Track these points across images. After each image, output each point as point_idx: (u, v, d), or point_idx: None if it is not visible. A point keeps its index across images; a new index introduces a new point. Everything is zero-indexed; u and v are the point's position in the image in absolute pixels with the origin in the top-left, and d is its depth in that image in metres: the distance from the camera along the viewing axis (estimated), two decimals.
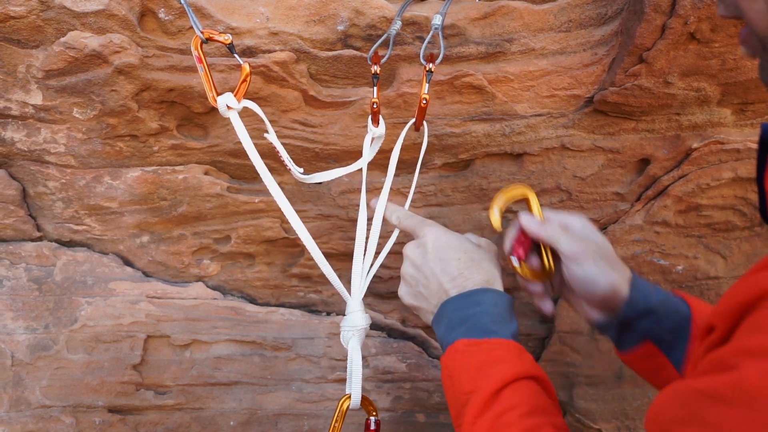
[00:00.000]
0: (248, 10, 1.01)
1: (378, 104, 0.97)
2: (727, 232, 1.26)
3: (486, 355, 0.77)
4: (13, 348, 1.26)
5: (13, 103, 1.09)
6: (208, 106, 1.10)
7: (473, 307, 0.81)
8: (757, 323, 0.48)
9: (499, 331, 0.79)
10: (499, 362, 0.76)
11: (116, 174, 1.20)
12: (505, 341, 0.79)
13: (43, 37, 1.01)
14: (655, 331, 0.86)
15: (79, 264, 1.27)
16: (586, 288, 0.85)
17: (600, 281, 0.84)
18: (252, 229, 1.27)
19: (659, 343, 0.86)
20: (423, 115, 1.00)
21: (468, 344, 0.79)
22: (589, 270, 0.84)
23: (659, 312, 0.85)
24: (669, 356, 0.86)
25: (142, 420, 1.31)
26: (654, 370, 0.89)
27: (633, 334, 0.87)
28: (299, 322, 1.33)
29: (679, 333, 0.85)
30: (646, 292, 0.86)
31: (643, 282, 0.87)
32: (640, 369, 0.92)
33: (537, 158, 1.18)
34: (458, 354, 0.79)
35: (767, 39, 0.58)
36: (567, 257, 0.85)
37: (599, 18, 1.03)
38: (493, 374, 0.74)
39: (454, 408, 0.78)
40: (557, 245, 0.86)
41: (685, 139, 1.15)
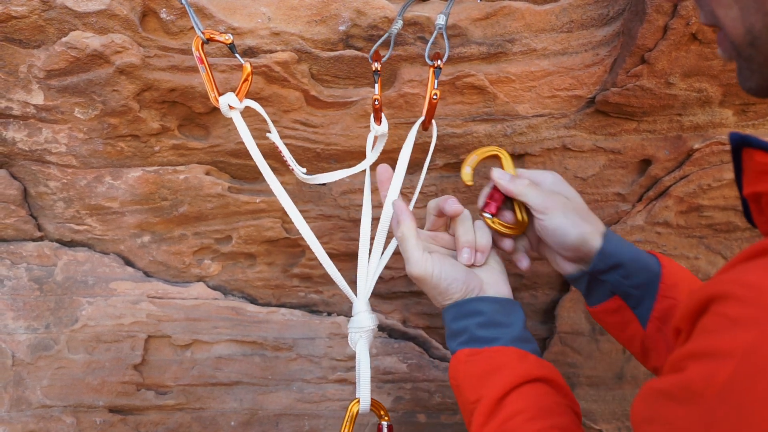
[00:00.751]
0: (250, 10, 1.01)
1: (380, 101, 0.97)
2: (728, 233, 1.26)
3: (487, 364, 0.79)
4: (13, 348, 1.26)
5: (15, 103, 1.09)
6: (210, 106, 1.10)
7: (469, 317, 0.83)
8: (704, 327, 0.51)
9: (498, 338, 0.81)
10: (501, 369, 0.77)
11: (117, 174, 1.20)
12: (505, 348, 0.80)
13: (44, 37, 1.01)
14: (623, 286, 0.88)
15: (80, 264, 1.27)
16: (557, 239, 0.87)
17: (570, 232, 0.86)
18: (253, 229, 1.27)
19: (627, 298, 0.89)
20: (433, 111, 0.98)
21: (469, 354, 0.81)
22: (558, 221, 0.86)
23: (628, 267, 0.87)
24: (636, 312, 0.89)
25: (143, 420, 1.31)
26: (620, 324, 0.91)
27: (602, 289, 0.90)
28: (300, 323, 1.33)
29: (646, 290, 0.87)
30: (618, 247, 0.88)
31: (617, 237, 0.89)
32: (606, 323, 0.94)
33: (538, 159, 1.18)
34: (461, 365, 0.81)
35: (741, 45, 0.60)
36: (536, 210, 0.87)
37: (601, 18, 1.03)
38: (496, 382, 0.76)
39: (465, 417, 0.81)
40: (526, 198, 0.88)
41: (687, 140, 1.15)
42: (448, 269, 0.86)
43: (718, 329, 0.48)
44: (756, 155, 0.61)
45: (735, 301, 0.48)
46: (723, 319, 0.48)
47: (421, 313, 1.39)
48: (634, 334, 0.90)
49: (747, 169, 0.64)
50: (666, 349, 0.87)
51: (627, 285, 0.88)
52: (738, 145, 0.64)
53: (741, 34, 0.58)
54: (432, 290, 0.87)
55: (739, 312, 0.47)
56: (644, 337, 0.89)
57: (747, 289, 0.47)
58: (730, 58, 0.63)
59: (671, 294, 0.87)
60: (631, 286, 0.88)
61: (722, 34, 0.62)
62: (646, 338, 0.89)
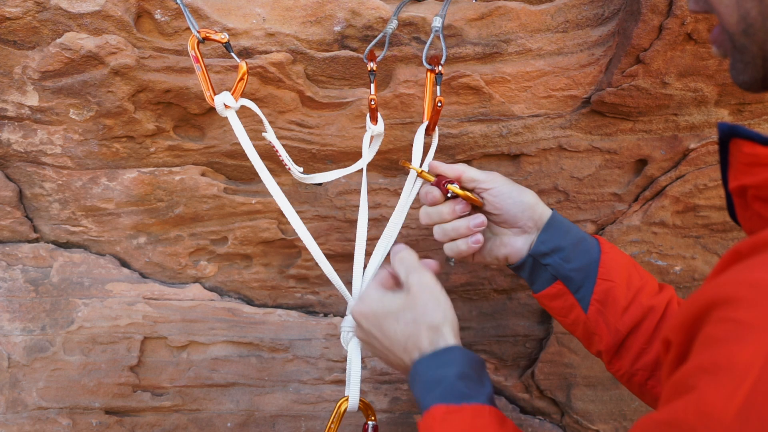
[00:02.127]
0: (245, 11, 1.01)
1: (376, 101, 0.97)
2: (724, 233, 1.26)
3: (467, 425, 0.74)
4: (9, 349, 1.25)
5: (9, 105, 1.09)
6: (205, 107, 1.10)
7: (445, 367, 0.78)
8: (709, 337, 0.45)
9: (475, 396, 0.76)
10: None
11: (113, 175, 1.19)
12: (486, 408, 0.75)
13: (39, 38, 1.01)
14: (563, 270, 0.90)
15: (76, 265, 1.27)
16: (511, 200, 0.91)
17: (520, 193, 0.92)
18: (249, 230, 1.26)
19: (568, 282, 0.90)
20: (437, 118, 0.99)
21: (447, 412, 0.75)
22: (506, 187, 0.92)
23: (569, 250, 0.90)
24: (577, 297, 0.90)
25: (139, 421, 1.30)
26: (563, 309, 0.93)
27: (544, 274, 0.92)
28: (296, 324, 1.33)
29: (587, 273, 0.89)
30: (562, 228, 0.91)
31: (562, 219, 0.92)
32: (551, 309, 0.95)
33: (534, 159, 1.18)
34: (436, 423, 0.74)
35: (736, 35, 0.58)
36: (482, 181, 0.92)
37: (596, 19, 1.03)
38: None
39: None
40: (470, 174, 0.92)
41: (683, 140, 1.15)
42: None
43: (728, 338, 0.43)
44: (744, 146, 0.59)
45: (743, 304, 0.43)
46: (732, 325, 0.43)
47: None
48: (577, 318, 0.91)
49: (734, 161, 0.62)
50: (608, 332, 0.89)
51: (567, 269, 0.90)
52: (726, 135, 0.63)
53: (735, 22, 0.57)
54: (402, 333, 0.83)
55: (751, 316, 0.42)
56: (586, 321, 0.90)
57: (755, 290, 0.43)
58: (725, 54, 0.63)
59: (610, 277, 0.89)
60: (571, 270, 0.89)
61: (717, 30, 0.62)
62: (588, 322, 0.90)
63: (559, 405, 1.40)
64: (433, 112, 0.98)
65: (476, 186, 0.93)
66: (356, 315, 0.89)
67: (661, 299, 0.89)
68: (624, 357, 0.90)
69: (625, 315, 0.88)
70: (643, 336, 0.88)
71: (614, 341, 0.89)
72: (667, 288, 0.93)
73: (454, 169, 0.94)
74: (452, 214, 0.93)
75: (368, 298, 0.88)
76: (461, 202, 0.92)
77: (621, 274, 0.89)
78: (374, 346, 0.88)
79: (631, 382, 0.90)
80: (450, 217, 0.93)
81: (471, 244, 0.92)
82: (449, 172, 0.94)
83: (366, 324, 0.87)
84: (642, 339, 0.88)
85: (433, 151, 1.03)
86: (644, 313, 0.88)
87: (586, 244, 0.91)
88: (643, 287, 0.90)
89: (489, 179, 0.92)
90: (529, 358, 1.39)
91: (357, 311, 0.88)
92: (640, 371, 0.88)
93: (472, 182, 0.93)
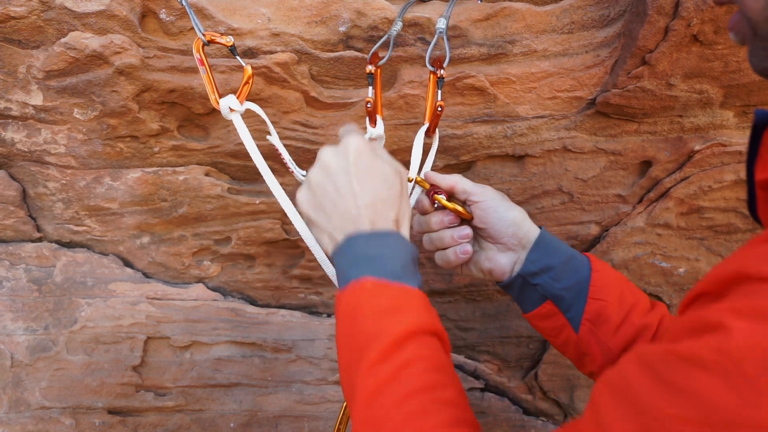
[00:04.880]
0: (249, 11, 1.01)
1: (372, 104, 0.96)
2: (728, 235, 1.26)
3: (395, 300, 0.71)
4: (12, 349, 1.25)
5: (14, 104, 1.09)
6: (209, 107, 1.10)
7: (384, 248, 0.74)
8: (752, 290, 0.44)
9: (408, 278, 0.73)
10: (408, 310, 0.71)
11: (117, 175, 1.19)
12: (416, 290, 0.73)
13: (43, 38, 1.00)
14: (553, 289, 0.88)
15: (79, 265, 1.27)
16: (497, 215, 0.90)
17: (507, 210, 0.90)
18: (253, 231, 1.26)
19: (558, 302, 0.89)
20: (438, 122, 0.99)
21: (377, 284, 0.71)
22: (495, 202, 0.90)
23: (559, 269, 0.88)
24: (567, 317, 0.89)
25: (142, 421, 1.30)
26: (553, 330, 0.91)
27: (534, 294, 0.90)
28: (300, 324, 1.32)
29: (577, 292, 0.88)
30: (552, 247, 0.89)
31: (552, 238, 0.91)
32: (541, 329, 0.94)
33: (539, 160, 1.18)
34: (364, 293, 0.71)
35: (758, 23, 0.57)
36: (472, 193, 0.91)
37: (602, 20, 1.03)
38: (401, 321, 0.69)
39: (348, 349, 0.71)
40: (463, 185, 0.91)
41: (688, 141, 1.15)
42: None
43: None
44: None
45: None
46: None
47: None
48: (568, 338, 0.90)
49: (765, 151, 0.60)
50: (600, 352, 0.87)
51: (558, 288, 0.88)
52: (762, 123, 0.61)
53: (760, 9, 0.56)
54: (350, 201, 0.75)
55: None
56: (577, 341, 0.89)
57: None
58: (743, 41, 0.61)
59: (601, 296, 0.87)
60: (561, 289, 0.88)
61: (737, 16, 0.61)
62: (579, 342, 0.89)
63: (562, 406, 1.40)
64: (433, 116, 0.98)
65: (468, 198, 0.91)
66: (355, 140, 0.78)
67: (653, 317, 0.88)
68: None
69: (618, 334, 0.86)
70: None
71: (607, 361, 0.87)
72: (659, 306, 0.91)
73: (447, 180, 0.92)
74: (439, 225, 0.93)
75: (365, 140, 0.80)
76: (450, 213, 0.92)
77: (612, 292, 0.88)
78: (324, 187, 0.78)
79: None
80: (437, 227, 0.93)
81: (459, 255, 0.92)
82: (442, 182, 0.93)
83: (355, 159, 0.77)
84: None
85: (434, 153, 1.03)
86: (637, 332, 0.87)
87: (576, 263, 0.89)
88: (636, 305, 0.89)
89: (479, 192, 0.91)
90: (533, 360, 1.39)
91: (357, 141, 0.78)
92: None
93: (464, 194, 0.92)
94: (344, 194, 0.76)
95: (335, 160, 0.78)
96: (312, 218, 0.80)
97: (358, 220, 0.75)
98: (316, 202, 0.79)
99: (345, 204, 0.76)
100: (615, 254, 1.25)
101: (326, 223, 0.78)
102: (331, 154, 0.79)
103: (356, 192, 0.75)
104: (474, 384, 1.36)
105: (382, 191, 0.76)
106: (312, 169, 0.81)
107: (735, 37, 0.62)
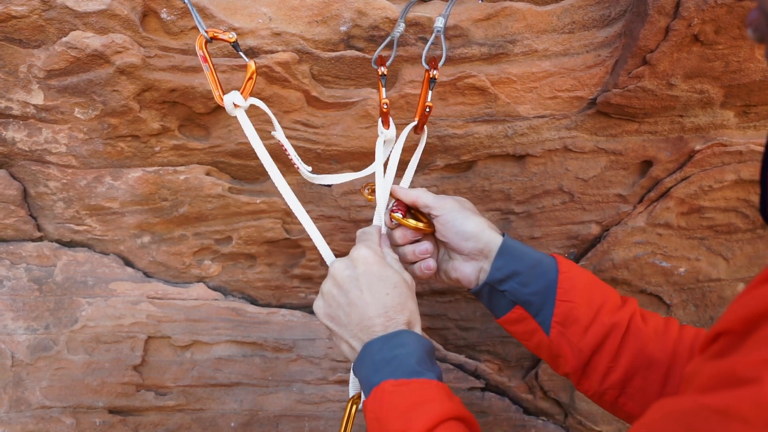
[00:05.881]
0: (251, 11, 1.01)
1: (388, 105, 0.97)
2: (729, 234, 1.26)
3: (416, 395, 0.75)
4: (13, 348, 1.25)
5: (15, 103, 1.09)
6: (210, 106, 1.10)
7: (398, 348, 0.79)
8: None
9: (425, 372, 0.78)
10: (430, 402, 0.74)
11: (117, 174, 1.19)
12: (434, 382, 0.77)
13: (44, 37, 1.01)
14: (522, 294, 0.89)
15: (80, 264, 1.27)
16: (456, 228, 0.91)
17: (466, 221, 0.91)
18: (253, 230, 1.26)
19: (527, 306, 0.90)
20: (425, 121, 1.00)
21: (396, 384, 0.76)
22: (453, 215, 0.92)
23: (525, 274, 0.89)
24: (538, 320, 0.89)
25: (143, 421, 1.30)
26: (526, 334, 0.92)
27: (503, 300, 0.91)
28: (300, 323, 1.32)
29: (545, 296, 0.88)
30: (516, 253, 0.90)
31: (516, 244, 0.91)
32: (515, 333, 0.94)
33: (539, 160, 1.18)
34: (386, 395, 0.76)
35: None
36: (433, 208, 0.92)
37: (603, 20, 1.03)
38: (424, 414, 0.72)
39: None
40: (422, 200, 0.94)
41: (688, 141, 1.15)
42: None
43: None
44: None
45: None
46: None
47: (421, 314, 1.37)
48: (540, 342, 0.90)
49: None
50: (571, 353, 0.88)
51: (526, 293, 0.89)
52: None
53: None
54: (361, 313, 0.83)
55: None
56: (549, 344, 0.89)
57: None
58: (762, 38, 0.60)
59: (569, 297, 0.88)
60: (529, 294, 0.89)
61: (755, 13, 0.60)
62: (551, 344, 0.89)
63: (563, 406, 1.40)
64: (421, 115, 0.99)
65: (429, 212, 0.93)
66: (363, 254, 0.85)
67: (624, 314, 0.88)
68: (591, 377, 0.88)
69: (587, 334, 0.87)
70: (608, 354, 0.87)
71: (579, 362, 0.88)
72: (630, 301, 0.91)
73: (409, 195, 0.95)
74: (403, 239, 0.95)
75: (372, 251, 0.87)
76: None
77: (580, 293, 0.88)
78: (338, 300, 0.85)
79: (602, 400, 0.90)
80: (401, 241, 0.95)
81: (423, 270, 0.95)
82: (405, 197, 0.95)
83: (364, 271, 0.84)
84: (607, 357, 0.87)
85: (420, 151, 1.04)
86: (607, 331, 0.87)
87: (543, 267, 0.90)
88: (604, 304, 0.89)
89: (438, 206, 0.92)
90: (533, 359, 1.39)
91: (365, 254, 0.85)
92: (609, 390, 0.87)
93: (425, 208, 0.94)
94: (357, 305, 0.83)
95: (346, 273, 0.85)
96: (330, 327, 0.87)
97: (371, 329, 0.82)
98: (332, 314, 0.86)
99: (358, 314, 0.83)
100: (615, 254, 1.26)
101: (343, 332, 0.85)
102: (342, 267, 0.86)
103: (368, 302, 0.83)
104: (474, 384, 1.36)
105: (392, 298, 0.83)
106: (325, 282, 0.88)
107: (753, 33, 0.61)
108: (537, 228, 1.25)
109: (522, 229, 1.26)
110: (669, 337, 0.87)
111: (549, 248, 1.28)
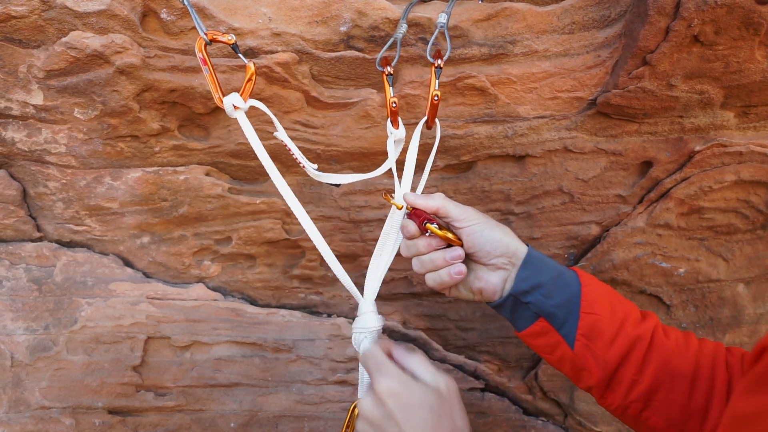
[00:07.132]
0: (250, 11, 1.01)
1: (397, 104, 0.96)
2: (729, 235, 1.26)
3: None
4: (12, 349, 1.25)
5: (14, 103, 1.09)
6: (210, 106, 1.10)
7: None
8: None
9: None
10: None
11: (117, 174, 1.19)
12: None
13: (44, 37, 1.00)
14: (546, 306, 0.88)
15: (80, 265, 1.27)
16: (484, 238, 0.89)
17: (493, 231, 0.90)
18: (253, 230, 1.26)
19: (551, 319, 0.89)
20: (435, 112, 0.98)
21: None
22: (480, 226, 0.90)
23: (549, 286, 0.88)
24: (562, 333, 0.89)
25: (142, 421, 1.30)
26: (548, 347, 0.91)
27: (526, 312, 0.90)
28: (300, 324, 1.32)
29: (569, 308, 0.88)
30: (540, 264, 0.89)
31: (539, 255, 0.90)
32: (536, 347, 0.93)
33: (539, 160, 1.18)
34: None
35: None
36: (457, 219, 0.90)
37: (603, 20, 1.03)
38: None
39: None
40: (446, 210, 0.91)
41: (688, 142, 1.15)
42: None
43: None
44: None
45: None
46: None
47: (421, 315, 1.38)
48: (564, 355, 0.90)
49: None
50: (597, 366, 0.87)
51: (550, 305, 0.88)
52: None
53: None
54: None
55: None
56: (573, 357, 0.89)
57: None
58: None
59: (593, 309, 0.87)
60: (553, 306, 0.88)
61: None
62: (575, 357, 0.88)
63: (563, 406, 1.40)
64: (430, 105, 0.97)
65: (451, 222, 0.92)
66: (386, 385, 0.81)
67: (646, 327, 0.88)
68: (616, 390, 0.88)
69: (613, 347, 0.87)
70: (633, 366, 0.87)
71: (604, 375, 0.88)
72: (651, 315, 0.91)
73: (430, 205, 0.92)
74: (428, 248, 0.93)
75: (397, 378, 0.83)
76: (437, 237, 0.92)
77: (603, 305, 0.88)
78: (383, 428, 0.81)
79: (626, 414, 0.89)
80: (426, 250, 0.93)
81: (454, 275, 0.91)
82: (426, 206, 0.92)
83: (394, 406, 0.80)
84: (632, 370, 0.87)
85: (435, 149, 1.03)
86: (632, 343, 0.87)
87: (565, 278, 0.89)
88: (627, 316, 0.89)
89: (463, 217, 0.91)
90: (533, 360, 1.39)
91: (388, 384, 0.81)
92: (634, 403, 0.87)
93: (447, 218, 0.92)
94: None
95: (377, 413, 0.81)
96: None
97: None
98: None
99: None
100: (615, 254, 1.26)
101: None
102: (371, 408, 0.82)
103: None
104: (474, 384, 1.36)
105: (432, 422, 0.79)
106: (359, 423, 0.84)
107: None
108: (537, 228, 1.25)
109: (522, 230, 1.26)
110: (690, 350, 0.87)
111: (549, 249, 1.28)
